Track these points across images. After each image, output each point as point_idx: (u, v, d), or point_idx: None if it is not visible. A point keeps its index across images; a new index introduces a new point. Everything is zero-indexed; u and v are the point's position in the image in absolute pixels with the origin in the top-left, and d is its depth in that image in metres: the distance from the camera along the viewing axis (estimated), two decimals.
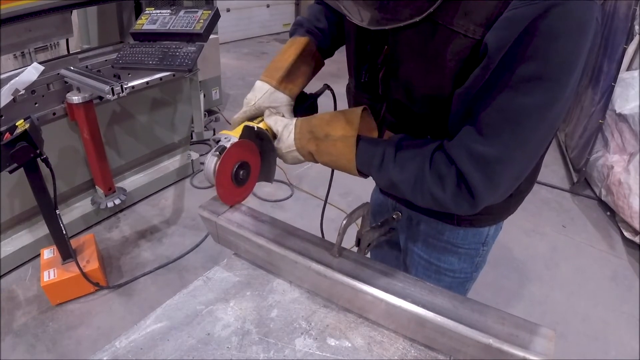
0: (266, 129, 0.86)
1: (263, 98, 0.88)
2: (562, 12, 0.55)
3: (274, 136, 0.85)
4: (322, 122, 0.80)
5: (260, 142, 0.85)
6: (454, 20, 0.63)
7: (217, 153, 0.79)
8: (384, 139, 0.81)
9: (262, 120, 0.88)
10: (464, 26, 0.62)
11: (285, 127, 0.83)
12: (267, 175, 0.88)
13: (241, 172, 0.82)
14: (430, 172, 0.71)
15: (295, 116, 0.91)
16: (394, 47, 0.74)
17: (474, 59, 0.63)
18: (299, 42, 0.91)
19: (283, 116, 0.88)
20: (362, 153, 0.77)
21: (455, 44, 0.64)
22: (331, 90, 0.98)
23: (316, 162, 0.83)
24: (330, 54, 0.99)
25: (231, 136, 0.83)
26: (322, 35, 0.95)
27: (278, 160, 0.88)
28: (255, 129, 0.83)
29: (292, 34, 0.96)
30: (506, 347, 0.64)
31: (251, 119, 0.90)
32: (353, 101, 0.93)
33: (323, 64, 0.97)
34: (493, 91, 0.62)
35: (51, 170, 1.66)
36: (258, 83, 0.89)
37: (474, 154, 0.66)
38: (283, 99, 0.88)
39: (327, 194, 1.12)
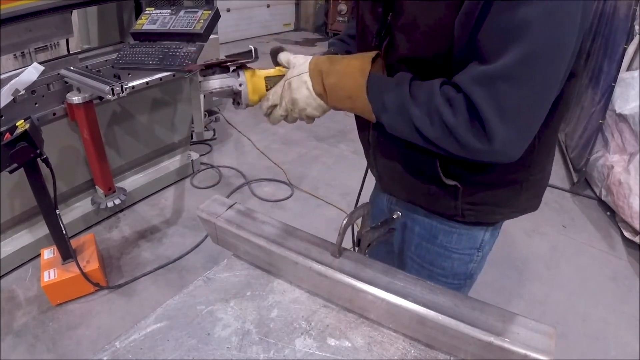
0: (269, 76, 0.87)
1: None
2: None
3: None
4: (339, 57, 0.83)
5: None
6: None
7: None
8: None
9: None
10: None
11: (303, 58, 0.84)
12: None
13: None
14: (440, 95, 0.69)
15: None
16: None
17: None
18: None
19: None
20: (375, 77, 0.78)
21: None
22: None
23: (320, 92, 0.80)
24: None
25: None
26: (352, 39, 1.00)
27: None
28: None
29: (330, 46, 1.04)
30: (507, 345, 0.64)
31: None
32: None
33: None
34: (493, 11, 0.61)
35: (51, 170, 1.66)
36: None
37: (477, 74, 0.65)
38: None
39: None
